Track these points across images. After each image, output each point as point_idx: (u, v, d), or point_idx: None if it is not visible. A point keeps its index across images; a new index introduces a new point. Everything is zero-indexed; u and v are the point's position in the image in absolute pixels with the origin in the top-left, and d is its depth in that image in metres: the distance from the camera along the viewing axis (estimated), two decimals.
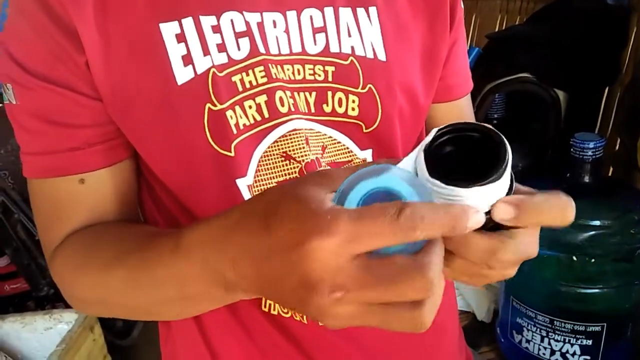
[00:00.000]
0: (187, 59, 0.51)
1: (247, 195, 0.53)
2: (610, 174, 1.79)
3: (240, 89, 0.52)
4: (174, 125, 0.51)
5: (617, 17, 1.76)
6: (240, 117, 0.52)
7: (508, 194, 0.36)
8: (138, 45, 0.50)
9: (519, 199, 0.36)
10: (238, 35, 0.52)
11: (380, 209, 0.31)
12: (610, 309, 1.51)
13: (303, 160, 0.54)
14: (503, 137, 0.35)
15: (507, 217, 0.35)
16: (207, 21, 0.51)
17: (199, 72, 0.51)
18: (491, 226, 0.36)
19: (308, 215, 0.32)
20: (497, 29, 2.41)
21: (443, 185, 0.34)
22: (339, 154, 0.57)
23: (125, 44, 0.50)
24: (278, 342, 0.57)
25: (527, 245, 0.38)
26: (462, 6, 0.64)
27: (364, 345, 0.59)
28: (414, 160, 0.36)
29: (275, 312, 0.57)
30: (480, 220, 0.33)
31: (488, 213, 0.35)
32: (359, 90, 0.56)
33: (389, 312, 0.32)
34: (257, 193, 0.52)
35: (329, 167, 0.55)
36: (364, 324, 0.33)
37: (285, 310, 0.57)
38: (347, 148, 0.57)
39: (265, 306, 0.57)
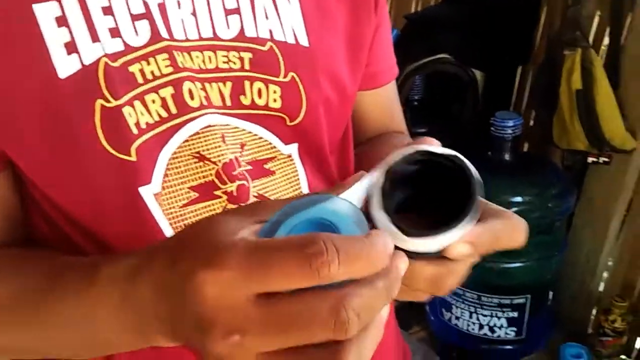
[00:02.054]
0: (71, 47, 0.42)
1: (153, 206, 0.46)
2: (526, 150, 1.86)
3: (140, 80, 0.45)
4: (59, 128, 0.43)
5: None
6: (142, 114, 0.45)
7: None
8: (4, 31, 0.41)
9: (473, 235, 0.33)
10: (135, 18, 0.45)
11: (286, 242, 0.26)
12: (532, 280, 1.57)
13: (220, 161, 0.47)
14: (473, 172, 0.32)
15: (464, 254, 0.33)
16: (96, 1, 0.43)
17: (86, 63, 0.43)
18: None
19: (204, 245, 0.29)
20: (413, 11, 2.43)
21: (391, 227, 0.31)
22: (261, 151, 0.51)
23: None
24: None
25: (468, 265, 0.36)
26: None
27: None
28: (363, 189, 0.32)
29: None
30: (405, 268, 0.30)
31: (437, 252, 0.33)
32: (281, 79, 0.50)
33: (301, 357, 0.27)
34: (165, 203, 0.46)
35: (250, 167, 0.49)
36: None
37: None
38: (270, 143, 0.51)
39: None
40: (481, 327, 1.62)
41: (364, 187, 0.32)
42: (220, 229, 0.29)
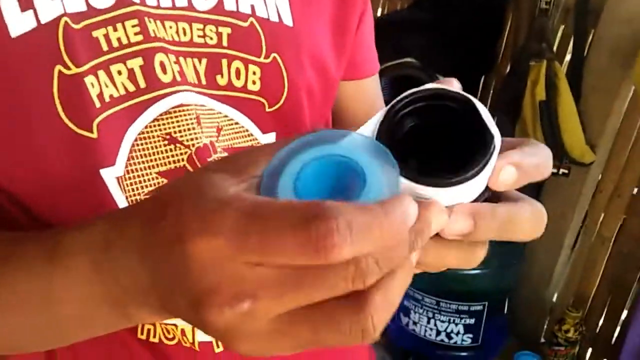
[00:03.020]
0: (26, 2, 0.38)
1: (115, 191, 0.41)
2: None
3: (106, 47, 0.40)
4: (8, 95, 0.38)
5: (495, 7, 1.83)
6: (106, 86, 0.40)
7: (485, 191, 0.28)
8: None
9: (478, 210, 0.27)
10: None
11: (287, 209, 0.22)
12: (490, 288, 1.58)
13: (193, 145, 0.43)
14: (488, 119, 0.26)
15: (512, 180, 0.27)
16: None
17: (43, 22, 0.38)
18: None
19: (192, 206, 0.24)
20: (379, 15, 2.43)
21: (402, 179, 0.25)
22: (237, 138, 0.46)
23: None
24: None
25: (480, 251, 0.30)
26: None
27: None
28: (373, 126, 0.27)
29: (156, 340, 0.46)
30: (443, 221, 0.25)
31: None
32: (262, 60, 0.46)
33: (320, 316, 0.24)
34: (129, 189, 0.41)
35: (226, 154, 0.45)
36: (291, 342, 0.25)
37: (170, 336, 0.46)
38: (247, 130, 0.47)
39: (142, 333, 0.46)
40: (438, 333, 1.62)
41: (377, 120, 0.27)
42: (209, 183, 0.25)
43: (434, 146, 0.27)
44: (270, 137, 0.48)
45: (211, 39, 0.44)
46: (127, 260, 0.28)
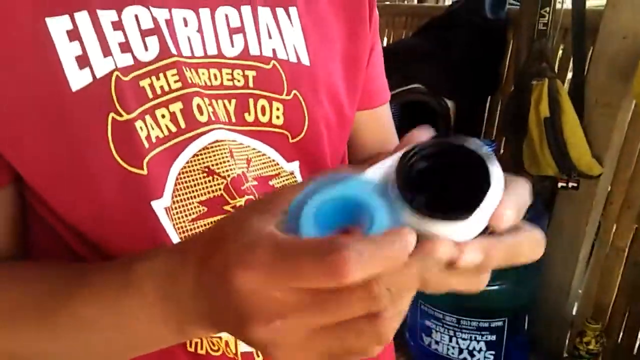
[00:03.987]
0: (83, 61, 0.43)
1: (164, 220, 0.46)
2: None
3: (151, 95, 0.45)
4: (70, 141, 0.43)
5: (496, 31, 1.90)
6: (152, 128, 0.45)
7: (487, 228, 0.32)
8: (17, 43, 0.41)
9: (488, 245, 0.31)
10: (145, 34, 0.45)
11: (309, 245, 0.28)
12: (510, 303, 1.59)
13: (228, 176, 0.48)
14: (491, 158, 0.30)
15: (511, 218, 0.31)
16: (107, 16, 0.44)
17: (98, 76, 0.43)
18: None
19: (233, 244, 0.30)
20: (385, 44, 2.51)
21: (412, 212, 0.29)
22: (265, 167, 0.51)
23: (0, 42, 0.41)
24: None
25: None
26: (377, 12, 0.63)
27: None
28: (383, 171, 0.31)
29: (203, 352, 0.51)
30: (453, 253, 0.29)
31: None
32: (284, 97, 0.51)
33: (343, 329, 0.29)
34: (175, 217, 0.47)
35: (255, 183, 0.51)
36: (321, 351, 0.30)
37: (215, 348, 0.51)
38: (273, 160, 0.52)
39: (190, 346, 0.51)
40: (460, 351, 1.63)
41: (385, 165, 0.31)
42: (248, 224, 0.30)
43: (441, 187, 0.31)
44: (294, 165, 0.53)
45: (239, 81, 0.50)
46: (186, 289, 0.34)
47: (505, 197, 0.32)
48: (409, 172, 0.30)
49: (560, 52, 1.66)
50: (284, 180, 0.52)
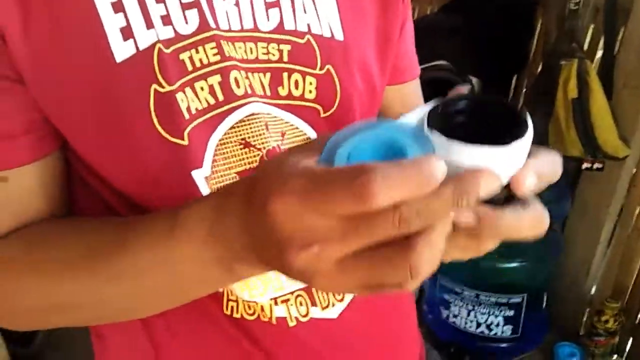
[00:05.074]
0: (127, 32, 0.44)
1: (204, 190, 0.47)
2: None
3: (190, 68, 0.46)
4: (114, 110, 0.44)
5: (525, 8, 1.87)
6: (192, 101, 0.46)
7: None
8: (65, 15, 0.43)
9: (539, 165, 0.32)
10: (185, 7, 0.46)
11: (338, 173, 0.29)
12: (529, 280, 1.62)
13: (264, 148, 0.49)
14: (526, 115, 0.31)
15: (531, 187, 0.32)
16: None
17: (141, 48, 0.44)
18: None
19: (273, 179, 0.31)
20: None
21: (445, 142, 0.29)
22: (297, 141, 0.52)
23: (48, 13, 0.43)
24: (241, 346, 0.53)
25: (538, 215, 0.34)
26: None
27: (332, 340, 0.56)
28: (417, 117, 0.31)
29: (239, 315, 0.52)
30: (494, 187, 0.29)
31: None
32: (317, 71, 0.52)
33: (377, 256, 0.29)
34: (214, 187, 0.48)
35: None
36: (352, 280, 0.31)
37: (251, 312, 0.53)
38: (305, 134, 0.52)
39: (227, 309, 0.52)
40: (478, 325, 1.67)
41: (421, 111, 0.32)
42: (285, 162, 0.31)
43: (475, 131, 0.31)
44: None
45: (274, 55, 0.50)
46: (233, 226, 0.35)
47: (531, 161, 0.32)
48: (445, 113, 0.31)
49: (590, 32, 1.64)
50: None
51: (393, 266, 0.29)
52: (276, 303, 0.53)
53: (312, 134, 0.53)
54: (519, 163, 0.31)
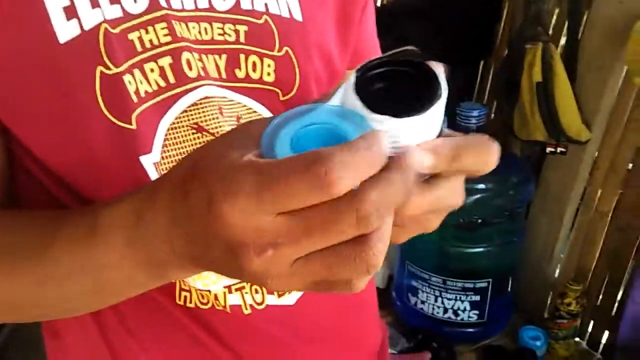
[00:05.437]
0: (71, 12, 0.42)
1: (153, 175, 0.46)
2: None
3: (140, 48, 0.45)
4: (58, 94, 0.43)
5: None
6: (141, 83, 0.45)
7: (441, 131, 0.33)
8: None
9: (435, 144, 0.31)
10: None
11: (291, 163, 0.27)
12: (494, 265, 1.64)
13: (217, 132, 0.47)
14: (439, 71, 0.32)
15: (428, 165, 0.31)
16: None
17: (86, 28, 0.43)
18: None
19: (215, 173, 0.29)
20: (379, 4, 2.47)
21: (374, 115, 0.30)
22: None
23: None
24: (197, 337, 0.52)
25: (451, 194, 0.34)
26: None
27: (291, 327, 0.55)
28: (342, 96, 0.32)
29: (192, 305, 0.51)
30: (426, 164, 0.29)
31: None
32: (275, 53, 0.51)
33: (332, 255, 0.28)
34: (164, 172, 0.47)
35: None
36: (307, 279, 0.30)
37: (205, 301, 0.52)
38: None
39: (180, 299, 0.51)
40: (445, 310, 1.68)
41: (344, 90, 0.32)
42: (225, 157, 0.29)
43: (397, 98, 0.32)
44: None
45: (230, 36, 0.49)
46: (158, 227, 0.33)
47: (435, 142, 0.31)
48: (365, 82, 0.31)
49: (555, 16, 1.65)
50: None
51: (349, 264, 0.28)
52: (230, 291, 0.51)
53: None
54: (437, 125, 0.32)
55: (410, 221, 0.34)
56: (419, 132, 0.31)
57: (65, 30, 0.42)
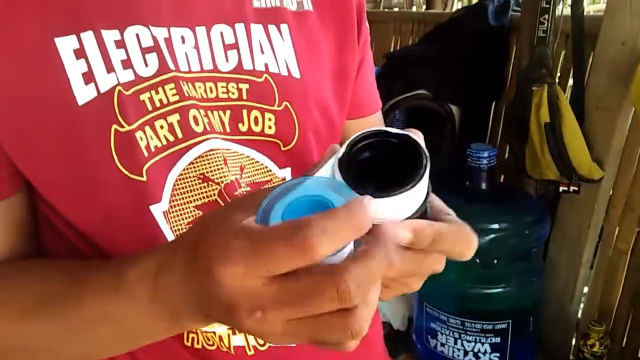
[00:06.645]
0: (89, 77, 0.46)
1: (162, 223, 0.50)
2: (502, 181, 1.94)
3: (150, 108, 0.49)
4: (76, 151, 0.47)
5: (499, 38, 1.92)
6: (151, 139, 0.49)
7: (423, 204, 0.36)
8: (29, 61, 0.45)
9: (418, 225, 0.35)
10: (145, 51, 0.49)
11: (278, 230, 0.30)
12: (513, 306, 1.61)
13: (222, 182, 0.51)
14: (422, 146, 0.35)
15: (404, 239, 0.35)
16: (110, 35, 0.47)
17: (102, 91, 0.47)
18: None
19: (215, 242, 0.33)
20: (392, 50, 2.54)
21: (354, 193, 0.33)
22: (257, 174, 0.55)
23: (10, 59, 0.45)
24: None
25: (432, 262, 0.38)
26: (367, 26, 0.66)
27: None
28: (331, 167, 0.35)
29: (199, 346, 0.54)
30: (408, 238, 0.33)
31: None
32: (275, 108, 0.55)
33: (319, 321, 0.31)
34: (173, 220, 0.50)
35: (248, 188, 0.54)
36: (299, 338, 0.33)
37: (210, 342, 0.54)
38: (266, 167, 0.55)
39: (187, 340, 0.54)
40: (466, 353, 1.65)
41: (332, 163, 0.36)
42: (228, 221, 0.33)
43: (382, 173, 0.35)
44: (286, 172, 0.57)
45: (233, 94, 0.53)
46: (176, 284, 0.37)
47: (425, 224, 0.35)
48: (350, 161, 0.35)
49: (562, 57, 1.68)
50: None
51: (335, 330, 0.31)
52: (234, 332, 0.54)
53: (273, 167, 0.56)
54: (420, 197, 0.35)
55: (392, 282, 0.38)
56: (402, 205, 0.34)
57: (83, 94, 0.46)
